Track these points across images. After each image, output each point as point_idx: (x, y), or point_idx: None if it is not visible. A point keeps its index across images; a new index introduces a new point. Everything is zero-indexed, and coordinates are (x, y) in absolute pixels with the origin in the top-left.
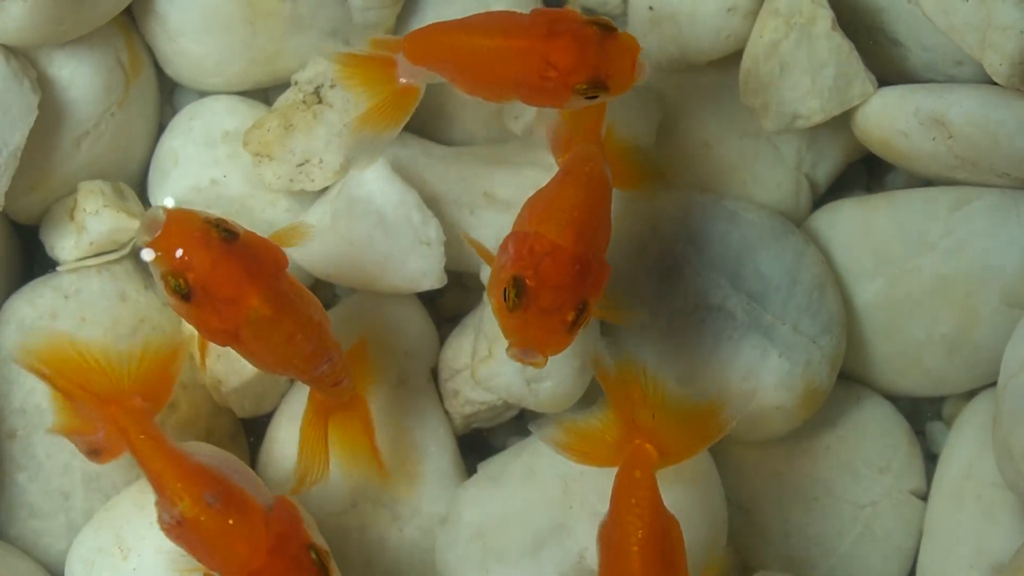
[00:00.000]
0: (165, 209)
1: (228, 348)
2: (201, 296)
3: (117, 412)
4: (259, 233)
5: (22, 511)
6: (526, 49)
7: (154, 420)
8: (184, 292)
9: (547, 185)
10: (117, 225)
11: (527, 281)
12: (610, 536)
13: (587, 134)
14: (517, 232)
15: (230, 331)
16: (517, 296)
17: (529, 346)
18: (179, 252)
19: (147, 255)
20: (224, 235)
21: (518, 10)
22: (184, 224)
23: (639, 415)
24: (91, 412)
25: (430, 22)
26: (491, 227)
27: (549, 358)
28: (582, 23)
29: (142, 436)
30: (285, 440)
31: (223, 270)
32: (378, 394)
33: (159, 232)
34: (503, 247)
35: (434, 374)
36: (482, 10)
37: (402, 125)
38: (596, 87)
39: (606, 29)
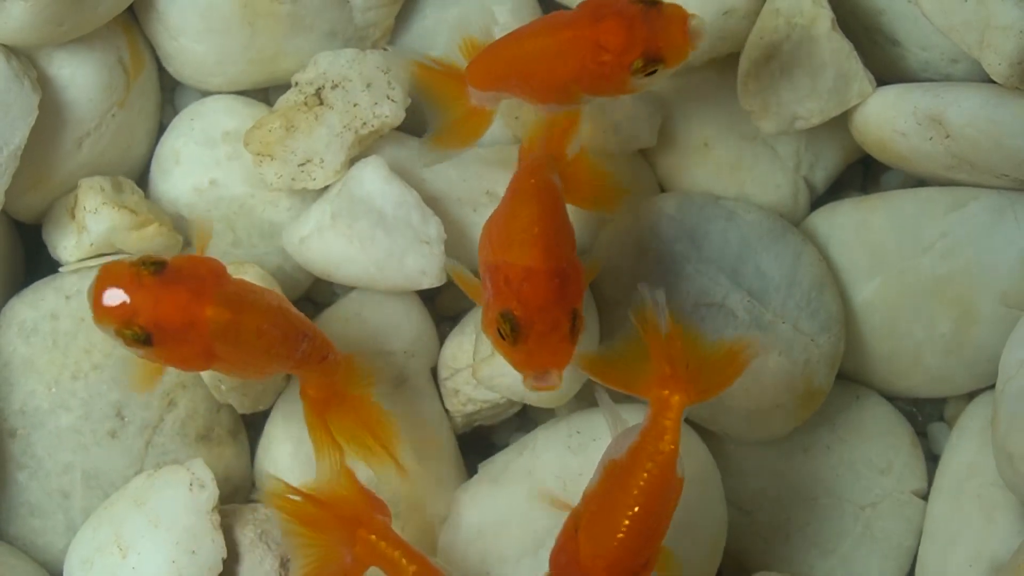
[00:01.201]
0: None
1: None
2: (160, 333)
3: (365, 535)
4: (258, 235)
5: (22, 509)
6: (575, 38)
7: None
8: (143, 337)
9: (499, 207)
10: (115, 223)
11: (515, 313)
12: (616, 469)
13: (549, 147)
14: (489, 265)
15: (204, 351)
16: (513, 330)
17: (542, 371)
18: (118, 303)
19: (101, 330)
20: (153, 268)
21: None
22: (112, 277)
23: (673, 363)
24: (334, 544)
25: (430, 22)
26: None
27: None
28: (625, 2)
29: (397, 552)
30: (282, 436)
31: (167, 300)
32: (378, 394)
33: (94, 298)
34: (483, 279)
35: (433, 373)
36: (483, 9)
37: (473, 145)
38: (652, 62)
39: (651, 3)
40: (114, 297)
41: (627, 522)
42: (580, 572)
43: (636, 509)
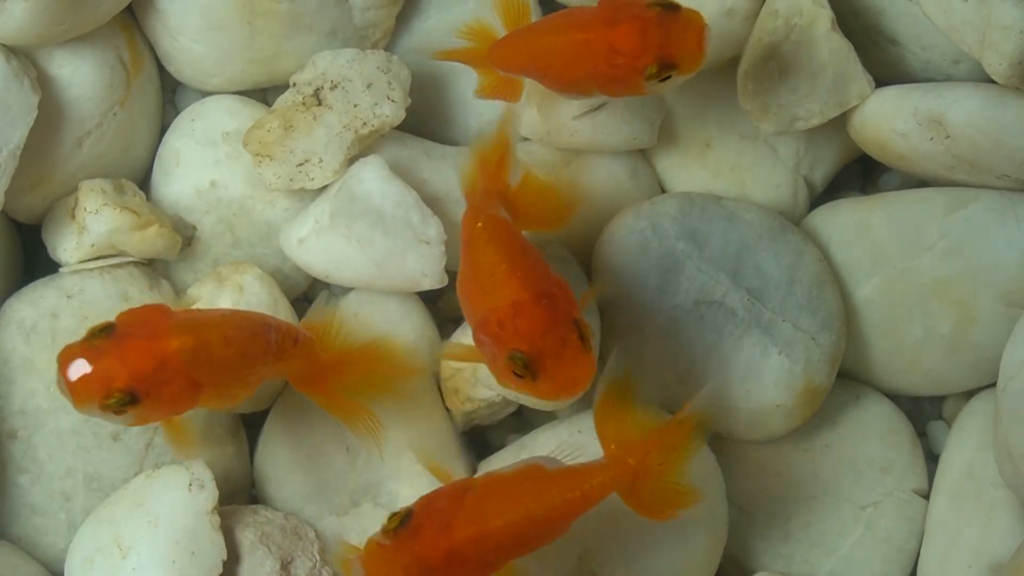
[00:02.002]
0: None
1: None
2: (141, 385)
3: None
4: (257, 236)
5: (24, 509)
6: (591, 40)
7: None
8: (128, 397)
9: (461, 267)
10: (117, 225)
11: (521, 349)
12: (537, 473)
13: (488, 182)
14: (479, 323)
15: (187, 384)
16: (527, 367)
17: (573, 389)
18: (89, 378)
19: (86, 413)
20: (103, 333)
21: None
22: (71, 358)
23: (637, 447)
24: None
25: (432, 22)
26: None
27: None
28: (643, 6)
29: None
30: (282, 436)
31: (131, 352)
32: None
33: (67, 386)
34: (477, 342)
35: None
36: (482, 11)
37: (520, 97)
38: (665, 68)
39: (668, 8)
40: (82, 373)
41: (511, 519)
42: (435, 535)
43: (524, 512)
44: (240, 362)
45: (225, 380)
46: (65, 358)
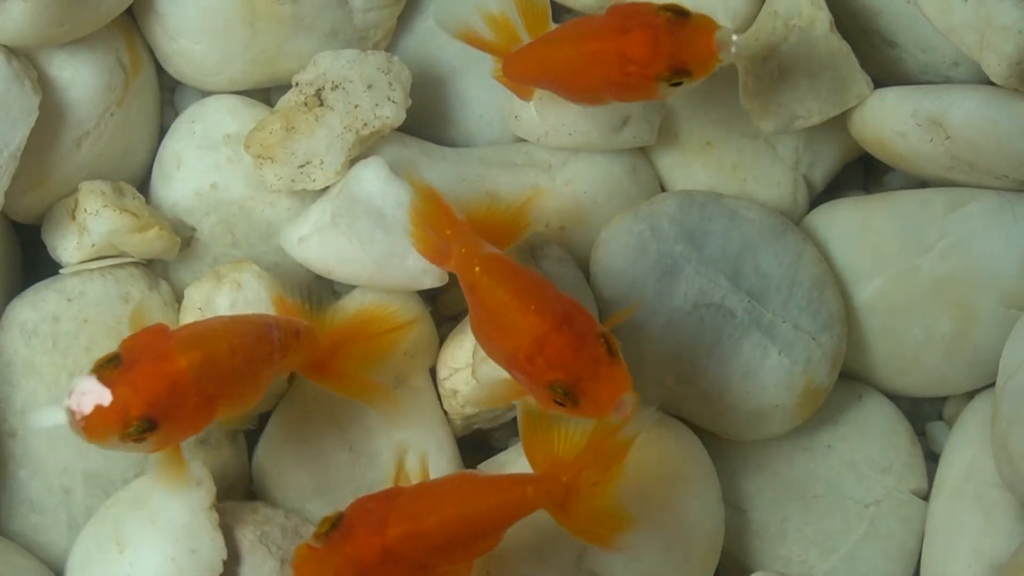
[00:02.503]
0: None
1: None
2: (158, 409)
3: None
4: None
5: (23, 507)
6: (603, 50)
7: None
8: (147, 423)
9: (471, 313)
10: (116, 226)
11: (558, 378)
12: (470, 480)
13: (442, 223)
14: (509, 363)
15: (201, 399)
16: (567, 394)
17: (616, 403)
18: (106, 411)
19: (105, 447)
20: (111, 364)
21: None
22: (84, 394)
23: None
24: None
25: (434, 25)
26: None
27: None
28: (653, 12)
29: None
30: (284, 434)
31: (141, 378)
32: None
33: (84, 422)
34: (513, 376)
35: (432, 373)
36: (483, 9)
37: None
38: (678, 73)
39: (680, 14)
40: (99, 405)
41: (444, 518)
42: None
43: (456, 513)
44: (249, 367)
45: (237, 388)
46: (79, 397)
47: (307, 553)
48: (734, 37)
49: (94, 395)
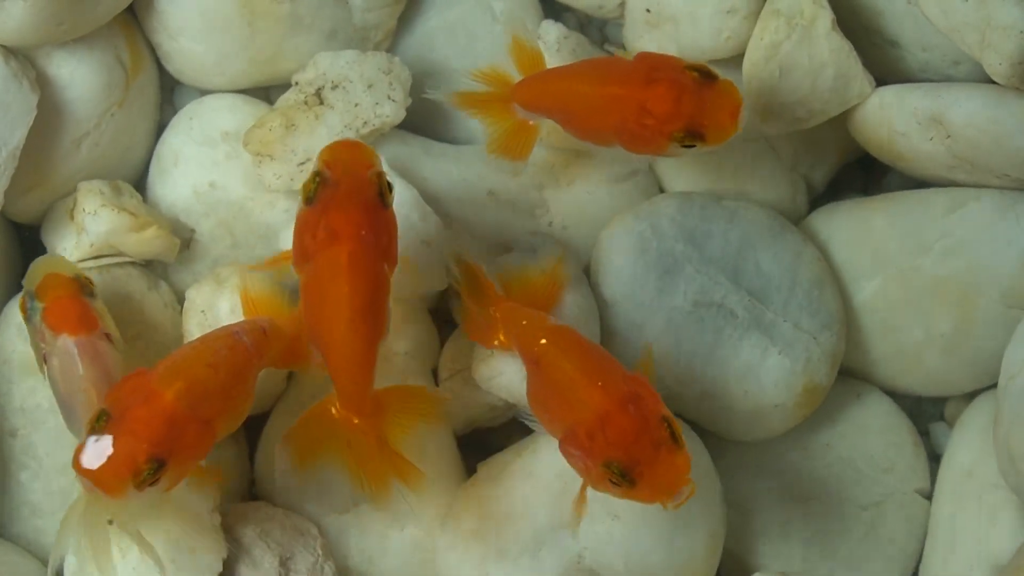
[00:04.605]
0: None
1: None
2: (163, 447)
3: None
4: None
5: (24, 509)
6: (624, 97)
7: None
8: (157, 464)
9: (532, 383)
10: (115, 226)
11: (616, 458)
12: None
13: (487, 302)
14: (566, 435)
15: (199, 426)
16: (624, 475)
17: (673, 490)
18: (110, 464)
19: (124, 499)
20: (101, 420)
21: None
22: (91, 456)
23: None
24: None
25: (433, 23)
26: (494, 226)
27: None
28: (681, 69)
29: None
30: (279, 437)
31: (137, 425)
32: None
33: (96, 477)
34: (565, 453)
35: (434, 374)
36: (483, 11)
37: (525, 159)
38: (692, 136)
39: (706, 76)
40: (105, 461)
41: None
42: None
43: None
44: (232, 380)
45: (229, 403)
46: (84, 458)
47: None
48: (743, 112)
49: (97, 453)
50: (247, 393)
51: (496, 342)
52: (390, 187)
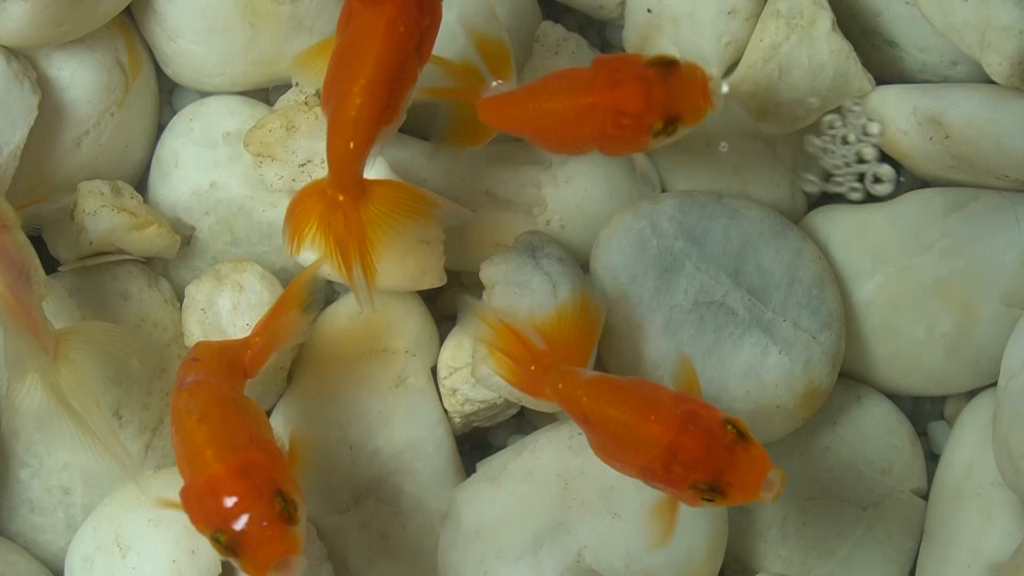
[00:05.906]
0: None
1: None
2: (285, 487)
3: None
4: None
5: (22, 507)
6: (595, 104)
7: None
8: (283, 499)
9: (591, 440)
10: (115, 226)
11: (700, 478)
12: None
13: (525, 358)
14: (645, 474)
15: (262, 456)
16: (714, 489)
17: (766, 481)
18: (267, 540)
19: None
20: (224, 537)
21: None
22: (237, 530)
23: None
24: None
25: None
26: (492, 225)
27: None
28: (643, 65)
29: None
30: (284, 433)
31: (240, 503)
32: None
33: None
34: (648, 481)
35: (433, 372)
36: (483, 13)
37: (482, 144)
38: (671, 123)
39: (668, 64)
40: (246, 525)
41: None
42: None
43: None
44: (235, 413)
45: (253, 427)
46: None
47: None
48: (724, 87)
49: (236, 528)
50: (256, 410)
51: (547, 396)
52: None
